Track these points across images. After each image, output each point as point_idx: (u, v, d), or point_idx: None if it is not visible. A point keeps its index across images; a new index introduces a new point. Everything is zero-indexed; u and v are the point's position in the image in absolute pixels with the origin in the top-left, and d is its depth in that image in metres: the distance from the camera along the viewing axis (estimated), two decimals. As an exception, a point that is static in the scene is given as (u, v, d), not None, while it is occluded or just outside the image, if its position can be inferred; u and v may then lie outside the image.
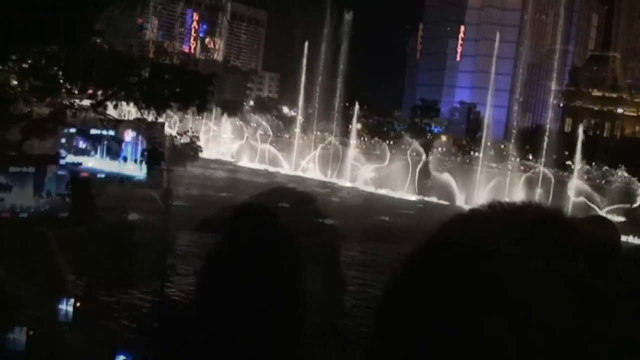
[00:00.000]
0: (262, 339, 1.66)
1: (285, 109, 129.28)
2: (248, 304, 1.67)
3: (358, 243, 28.88)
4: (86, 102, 14.85)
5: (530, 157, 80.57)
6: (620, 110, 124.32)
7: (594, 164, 76.11)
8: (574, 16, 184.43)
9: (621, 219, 50.47)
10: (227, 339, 1.68)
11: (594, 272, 0.72)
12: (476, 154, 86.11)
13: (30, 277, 9.79)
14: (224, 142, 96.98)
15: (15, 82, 15.18)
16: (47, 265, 9.94)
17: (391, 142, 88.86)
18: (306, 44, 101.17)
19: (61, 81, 14.47)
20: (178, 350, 1.79)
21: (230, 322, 1.67)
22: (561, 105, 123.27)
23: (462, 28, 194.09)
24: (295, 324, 1.71)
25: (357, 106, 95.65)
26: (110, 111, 15.00)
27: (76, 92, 14.50)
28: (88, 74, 13.94)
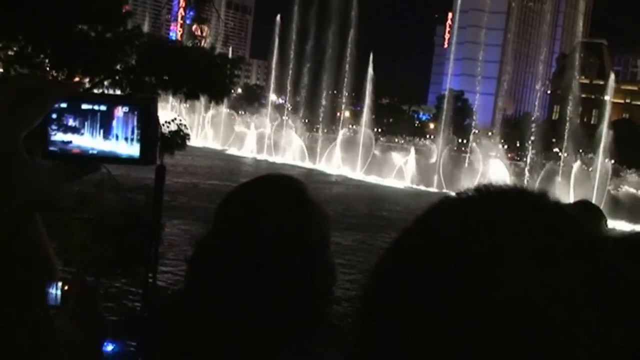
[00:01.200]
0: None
1: (273, 97, 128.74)
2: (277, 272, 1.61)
3: (346, 229, 28.98)
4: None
5: (517, 144, 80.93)
6: (607, 98, 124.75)
7: (580, 150, 76.52)
8: (561, 3, 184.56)
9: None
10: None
11: None
12: (463, 141, 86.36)
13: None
14: (213, 130, 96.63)
15: (0, 70, 15.05)
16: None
17: (380, 130, 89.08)
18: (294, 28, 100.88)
19: (47, 68, 14.37)
20: (166, 338, 1.74)
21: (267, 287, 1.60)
22: (548, 92, 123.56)
23: (450, 15, 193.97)
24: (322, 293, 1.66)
25: (344, 94, 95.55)
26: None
27: (63, 79, 14.40)
28: (74, 61, 13.85)
